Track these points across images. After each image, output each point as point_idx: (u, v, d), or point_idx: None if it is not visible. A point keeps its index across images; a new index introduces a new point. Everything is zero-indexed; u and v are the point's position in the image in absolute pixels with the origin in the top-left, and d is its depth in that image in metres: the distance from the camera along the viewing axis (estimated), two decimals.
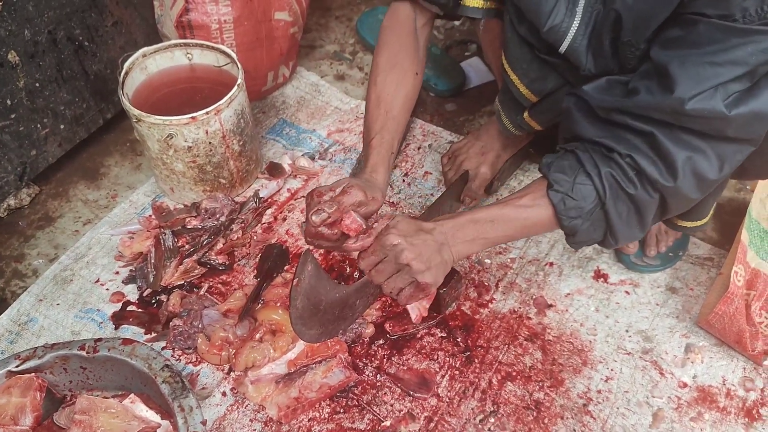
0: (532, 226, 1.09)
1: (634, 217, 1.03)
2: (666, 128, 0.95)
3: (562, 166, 1.04)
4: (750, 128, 0.95)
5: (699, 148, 0.96)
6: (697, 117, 0.92)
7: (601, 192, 1.00)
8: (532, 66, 1.19)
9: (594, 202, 1.02)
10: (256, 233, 1.53)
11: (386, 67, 1.23)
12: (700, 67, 0.91)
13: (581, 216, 1.03)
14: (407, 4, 1.26)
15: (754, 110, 0.92)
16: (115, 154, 1.72)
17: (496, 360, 1.32)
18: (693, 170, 0.97)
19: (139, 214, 1.57)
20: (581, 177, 1.02)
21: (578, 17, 1.04)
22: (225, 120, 1.44)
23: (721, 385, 1.28)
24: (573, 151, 1.05)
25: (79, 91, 1.60)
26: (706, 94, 0.91)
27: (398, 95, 1.22)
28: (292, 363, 1.29)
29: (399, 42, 1.25)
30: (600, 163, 1.00)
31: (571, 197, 1.02)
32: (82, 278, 1.46)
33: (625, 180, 0.99)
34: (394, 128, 1.21)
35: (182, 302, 1.38)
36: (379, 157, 1.18)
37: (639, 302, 1.40)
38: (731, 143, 0.97)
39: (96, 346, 1.23)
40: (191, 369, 1.32)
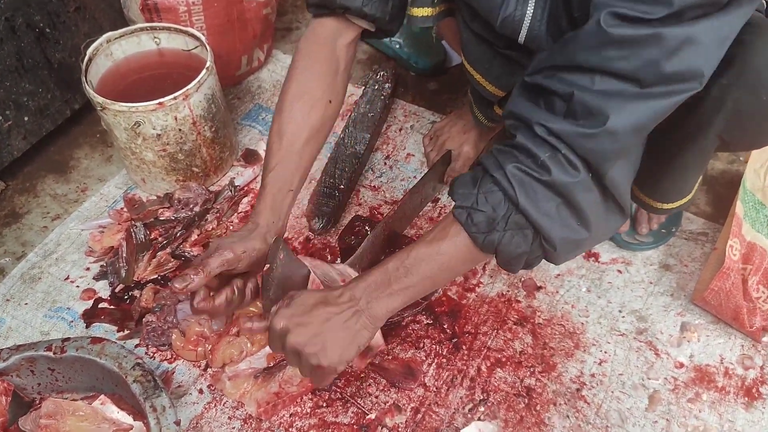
0: (451, 260, 0.93)
1: (567, 211, 0.86)
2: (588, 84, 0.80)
3: (464, 180, 0.91)
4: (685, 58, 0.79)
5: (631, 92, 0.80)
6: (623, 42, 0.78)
7: (511, 192, 0.85)
8: (494, 63, 1.12)
9: (506, 207, 0.86)
10: (232, 223, 1.47)
11: (294, 95, 1.10)
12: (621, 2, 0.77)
13: (495, 228, 0.87)
14: (330, 20, 1.10)
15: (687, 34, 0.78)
16: (84, 146, 1.65)
17: (484, 346, 1.27)
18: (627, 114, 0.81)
19: (110, 207, 1.51)
20: (486, 184, 0.87)
21: (532, 2, 0.96)
22: (195, 105, 1.38)
23: (719, 363, 1.23)
24: (478, 164, 0.91)
25: (42, 80, 1.53)
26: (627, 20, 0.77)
27: (304, 127, 1.09)
28: (271, 357, 1.23)
29: (312, 67, 1.11)
30: (503, 160, 0.86)
31: (477, 209, 0.87)
32: (51, 276, 1.40)
33: (535, 167, 0.84)
34: (294, 163, 1.08)
35: (155, 297, 1.32)
36: (267, 199, 1.07)
37: (632, 281, 1.35)
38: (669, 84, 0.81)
39: (63, 346, 1.16)
40: (166, 366, 1.26)
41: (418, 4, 1.08)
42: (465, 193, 0.89)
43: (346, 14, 1.09)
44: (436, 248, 0.92)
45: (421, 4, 1.08)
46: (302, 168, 1.10)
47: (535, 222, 0.86)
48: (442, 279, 1.01)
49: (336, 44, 1.12)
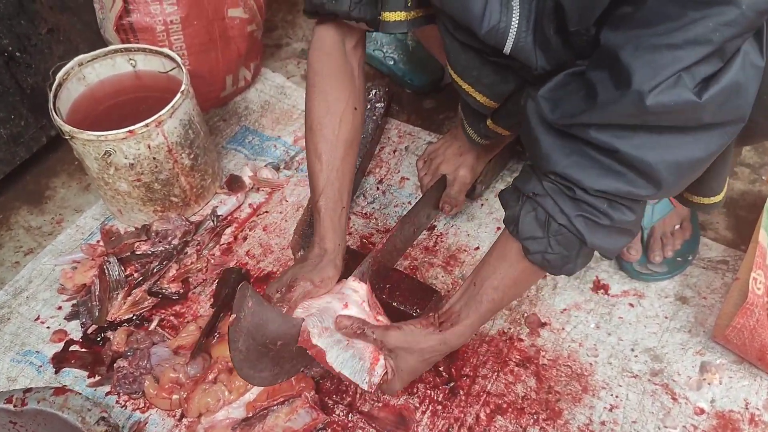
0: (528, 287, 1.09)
1: (619, 236, 0.91)
2: (630, 137, 0.80)
3: (529, 223, 0.92)
4: (729, 107, 0.78)
5: (677, 145, 0.80)
6: (664, 113, 0.76)
7: (579, 236, 0.89)
8: (484, 71, 1.03)
9: (577, 247, 0.91)
10: (214, 256, 1.37)
11: (320, 113, 1.11)
12: (656, 53, 0.74)
13: (570, 261, 0.92)
14: (331, 26, 1.11)
15: (727, 85, 0.75)
16: (61, 174, 1.57)
17: (484, 391, 1.16)
18: (676, 171, 0.82)
19: (86, 240, 1.42)
20: (554, 228, 0.90)
21: (516, 11, 0.88)
22: (169, 132, 1.29)
23: (744, 409, 1.11)
24: (532, 198, 0.91)
25: (14, 107, 1.45)
26: (668, 83, 0.74)
27: (338, 143, 1.10)
28: (251, 405, 1.13)
29: (329, 80, 1.11)
30: (566, 207, 0.88)
31: (552, 253, 0.91)
32: (21, 316, 1.31)
33: (598, 215, 0.87)
34: (339, 181, 1.10)
35: (128, 340, 1.22)
36: (326, 222, 1.09)
37: (645, 316, 1.23)
38: (713, 129, 0.80)
39: (24, 398, 1.07)
40: (138, 417, 1.17)
41: (390, 8, 0.99)
42: (535, 239, 0.92)
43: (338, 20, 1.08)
44: (518, 286, 1.00)
45: (393, 7, 0.99)
46: (347, 183, 1.13)
47: (599, 248, 0.91)
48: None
49: (344, 49, 1.13)
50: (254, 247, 1.39)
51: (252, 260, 1.36)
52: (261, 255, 1.37)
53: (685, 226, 1.30)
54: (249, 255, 1.37)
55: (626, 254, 1.27)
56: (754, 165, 1.46)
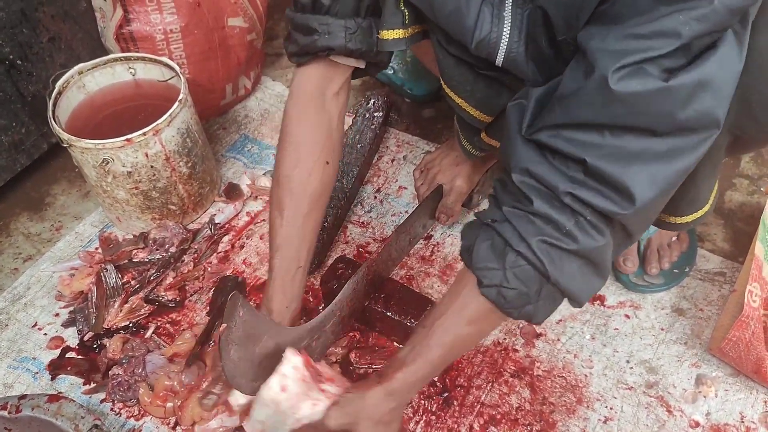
0: (484, 333, 0.99)
1: (588, 269, 0.83)
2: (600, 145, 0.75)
3: (483, 252, 0.84)
4: (700, 106, 0.74)
5: (649, 156, 0.76)
6: (631, 100, 0.72)
7: (541, 267, 0.80)
8: (477, 86, 1.02)
9: (537, 282, 0.82)
10: (211, 264, 1.38)
11: (288, 165, 1.04)
12: (622, 41, 0.72)
13: (530, 302, 0.84)
14: (314, 69, 1.04)
15: (697, 78, 0.72)
16: (62, 180, 1.58)
17: (478, 401, 1.15)
18: (649, 185, 0.76)
19: (85, 248, 1.43)
20: (511, 257, 0.81)
21: (507, 23, 0.87)
22: (167, 141, 1.29)
23: (739, 422, 1.10)
24: (490, 225, 0.84)
25: (15, 114, 1.46)
26: (632, 68, 0.71)
27: (304, 197, 1.04)
28: (244, 414, 1.13)
29: (304, 131, 1.05)
30: (525, 231, 0.80)
31: (508, 287, 0.82)
32: (19, 322, 1.32)
33: (562, 238, 0.79)
34: (298, 238, 1.04)
35: (123, 347, 1.23)
36: (276, 282, 1.03)
37: (641, 327, 1.23)
38: (688, 135, 0.76)
39: (19, 404, 1.08)
40: (133, 424, 1.17)
41: (388, 26, 0.97)
42: (490, 269, 0.83)
43: (330, 56, 1.02)
44: (473, 333, 0.91)
45: (390, 25, 0.97)
46: (307, 241, 1.06)
47: (564, 289, 0.83)
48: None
49: (324, 97, 1.06)
50: (251, 256, 1.39)
51: (249, 269, 1.37)
52: (258, 263, 1.37)
53: (683, 238, 1.30)
54: (246, 263, 1.38)
55: (623, 266, 1.26)
56: (752, 176, 1.45)
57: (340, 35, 0.99)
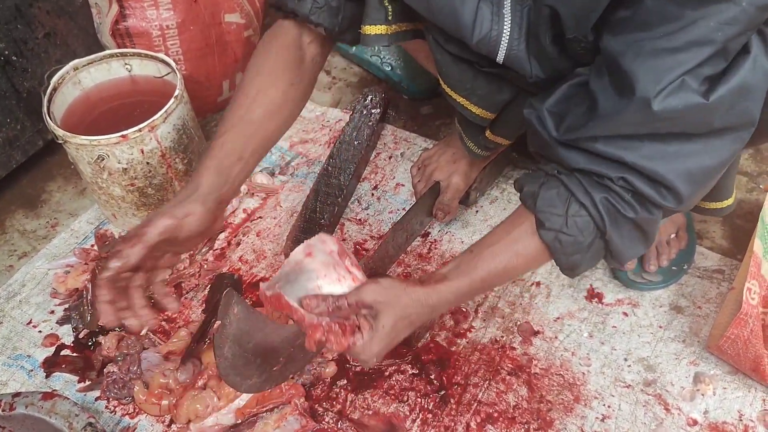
0: (526, 270, 0.98)
1: (637, 236, 0.88)
2: (638, 147, 0.79)
3: (549, 197, 0.87)
4: (739, 110, 0.77)
5: (687, 154, 0.79)
6: (672, 117, 0.75)
7: (599, 222, 0.85)
8: (477, 83, 1.02)
9: (593, 234, 0.86)
10: (207, 261, 1.37)
11: (253, 70, 1.03)
12: (657, 58, 0.73)
13: (580, 251, 0.88)
14: (292, 21, 1.04)
15: (736, 86, 0.75)
16: (57, 177, 1.57)
17: (475, 399, 1.15)
18: (688, 180, 0.80)
19: (80, 244, 1.42)
20: (574, 207, 0.85)
21: (508, 19, 0.88)
22: (162, 137, 1.28)
23: (738, 421, 1.10)
24: (556, 176, 0.87)
25: (10, 110, 1.45)
26: (673, 86, 0.73)
27: (259, 102, 0.99)
28: (240, 412, 1.13)
29: (273, 50, 1.03)
30: (591, 189, 0.84)
31: (566, 234, 0.86)
32: (14, 320, 1.31)
33: (624, 204, 0.83)
34: (247, 132, 0.97)
35: (118, 345, 1.22)
36: (211, 162, 0.94)
37: (639, 325, 1.22)
38: (724, 134, 0.79)
39: (13, 402, 1.07)
40: (128, 422, 1.16)
41: (370, 21, 0.97)
42: (553, 214, 0.87)
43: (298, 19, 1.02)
44: (519, 265, 0.92)
45: (372, 21, 0.97)
46: (257, 138, 0.99)
47: (614, 248, 0.88)
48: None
49: (301, 39, 1.05)
50: (247, 253, 1.38)
51: (245, 266, 1.36)
52: (254, 261, 1.37)
53: (681, 236, 1.29)
54: (242, 260, 1.37)
55: None
56: (751, 173, 1.45)
57: (307, 5, 0.99)
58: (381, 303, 0.88)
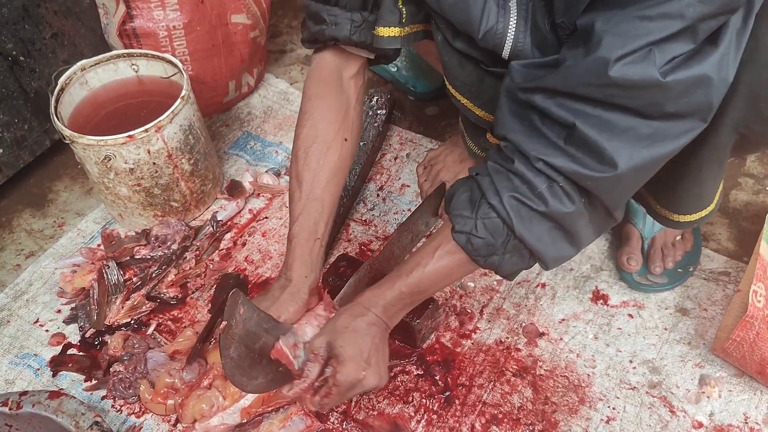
0: (455, 274, 1.00)
1: (558, 234, 0.89)
2: (590, 114, 0.79)
3: (461, 201, 0.91)
4: (692, 98, 0.77)
5: (632, 129, 0.79)
6: (626, 87, 0.76)
7: (508, 220, 0.87)
8: (483, 85, 1.03)
9: (504, 234, 0.88)
10: (213, 261, 1.37)
11: (307, 140, 1.08)
12: (627, 23, 0.74)
13: (495, 252, 0.90)
14: (330, 54, 1.09)
15: (696, 75, 0.75)
16: (64, 177, 1.58)
17: (479, 400, 1.15)
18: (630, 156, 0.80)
19: (87, 244, 1.43)
20: (483, 209, 0.89)
21: (514, 12, 0.89)
22: (169, 137, 1.29)
23: (743, 423, 1.09)
24: (474, 177, 0.91)
25: (18, 110, 1.46)
26: (637, 55, 0.74)
27: (321, 172, 1.07)
28: (245, 412, 1.13)
29: (321, 108, 1.08)
30: (501, 186, 0.87)
31: (477, 236, 0.89)
32: (21, 319, 1.32)
33: (533, 197, 0.85)
34: (317, 211, 1.07)
35: (125, 344, 1.23)
36: (296, 251, 1.05)
37: (644, 327, 1.22)
38: (673, 120, 0.79)
39: (20, 401, 1.07)
40: (134, 421, 1.17)
41: (384, 23, 0.99)
42: (463, 217, 0.90)
43: (339, 45, 1.06)
44: (443, 266, 0.95)
45: (387, 22, 0.99)
46: (326, 214, 1.08)
47: (530, 246, 0.89)
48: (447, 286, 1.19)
49: (342, 78, 1.11)
50: (253, 253, 1.39)
51: (251, 266, 1.36)
52: (260, 261, 1.37)
53: (687, 237, 1.29)
54: (248, 261, 1.37)
55: (626, 265, 1.25)
56: (758, 176, 1.44)
57: (346, 27, 1.03)
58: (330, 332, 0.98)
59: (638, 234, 1.27)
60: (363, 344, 0.97)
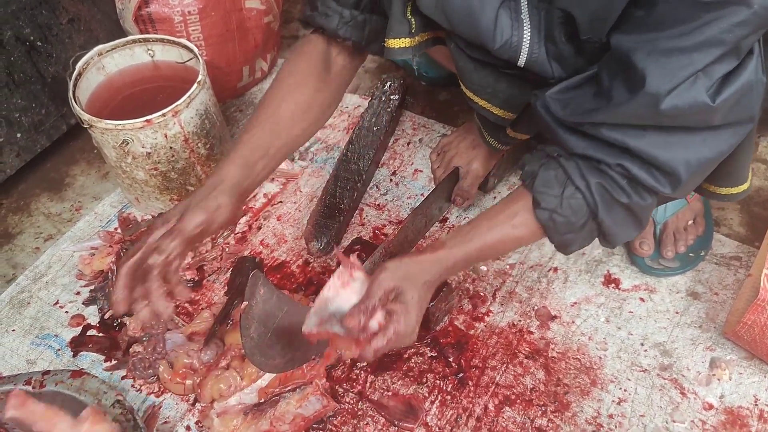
0: (523, 244, 1.03)
1: (630, 220, 0.93)
2: (641, 135, 0.82)
3: (546, 178, 0.92)
4: (739, 108, 0.80)
5: (687, 144, 0.83)
6: (675, 115, 0.78)
7: (593, 205, 0.90)
8: (499, 86, 1.03)
9: (586, 217, 0.91)
10: (229, 244, 1.39)
11: (285, 73, 1.08)
12: (670, 56, 0.76)
13: (573, 231, 0.93)
14: (320, 35, 1.10)
15: (740, 87, 0.77)
16: (81, 162, 1.60)
17: (492, 382, 1.17)
18: (692, 169, 0.84)
19: (104, 227, 1.45)
20: (569, 190, 0.90)
21: (527, 25, 0.89)
22: (186, 122, 1.30)
23: (753, 405, 1.11)
24: (556, 158, 0.91)
25: (35, 95, 1.48)
26: (684, 86, 0.76)
27: (288, 101, 1.05)
28: (263, 391, 1.15)
29: (301, 60, 1.09)
30: (588, 173, 0.89)
31: (560, 214, 0.91)
32: (41, 300, 1.34)
33: (618, 190, 0.88)
34: (273, 130, 1.03)
35: (143, 325, 1.25)
36: (235, 156, 1.00)
37: (656, 311, 1.23)
38: (723, 129, 0.82)
39: (43, 380, 1.11)
40: (153, 400, 1.19)
41: (394, 35, 0.98)
42: (548, 195, 0.91)
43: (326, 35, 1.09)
44: (512, 236, 0.96)
45: (396, 34, 0.98)
46: (283, 137, 1.04)
47: (606, 230, 0.93)
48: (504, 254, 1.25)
49: (329, 50, 1.11)
50: (268, 237, 1.40)
51: (266, 249, 1.38)
52: (275, 244, 1.39)
53: (699, 222, 1.30)
54: (263, 244, 1.39)
55: (638, 249, 1.27)
56: None
57: (335, 20, 1.05)
58: (400, 280, 0.92)
59: (651, 219, 1.28)
60: (424, 299, 0.95)
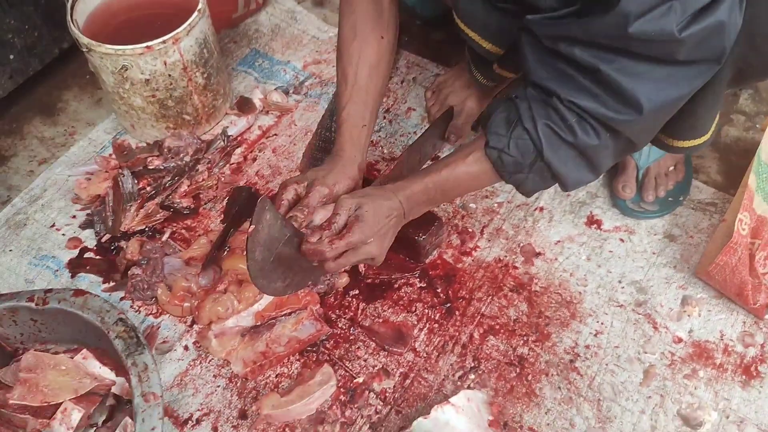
0: (479, 183, 1.09)
1: (582, 162, 0.97)
2: (612, 59, 0.85)
3: (499, 120, 0.98)
4: (706, 46, 0.83)
5: (655, 78, 0.86)
6: (643, 40, 0.81)
7: (539, 144, 0.94)
8: (490, 19, 1.07)
9: (533, 155, 0.96)
10: (224, 174, 1.42)
11: (347, 39, 1.16)
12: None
13: (522, 171, 0.99)
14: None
15: (710, 24, 0.80)
16: (73, 87, 1.59)
17: (478, 312, 1.23)
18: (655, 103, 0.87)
19: (99, 153, 1.46)
20: (518, 131, 0.96)
21: None
22: (185, 50, 1.31)
23: (719, 340, 1.19)
24: (513, 99, 0.97)
25: (28, 17, 1.46)
26: (656, 12, 0.78)
27: (362, 65, 1.15)
28: (259, 315, 1.20)
29: (356, 9, 1.16)
30: (537, 114, 0.94)
31: (508, 154, 0.97)
32: (37, 222, 1.36)
33: (564, 128, 0.92)
34: (362, 99, 1.15)
35: (141, 249, 1.28)
36: (345, 134, 1.14)
37: (634, 251, 1.30)
38: (687, 66, 0.86)
39: (46, 297, 1.13)
40: (152, 321, 1.23)
41: None
42: (498, 135, 0.97)
43: None
44: (470, 173, 1.03)
45: None
46: (371, 103, 1.16)
47: (555, 170, 0.97)
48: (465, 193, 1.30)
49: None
50: (263, 168, 1.43)
51: (261, 180, 1.41)
52: (270, 176, 1.42)
53: (679, 168, 1.36)
54: (258, 175, 1.42)
55: (621, 192, 1.32)
56: (749, 113, 1.51)
57: None
58: (360, 198, 1.04)
59: (634, 163, 1.34)
60: (381, 218, 1.04)
